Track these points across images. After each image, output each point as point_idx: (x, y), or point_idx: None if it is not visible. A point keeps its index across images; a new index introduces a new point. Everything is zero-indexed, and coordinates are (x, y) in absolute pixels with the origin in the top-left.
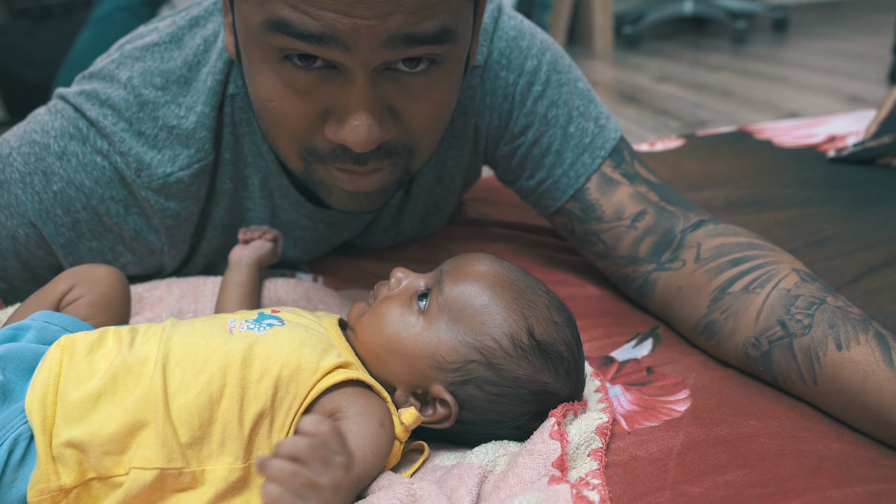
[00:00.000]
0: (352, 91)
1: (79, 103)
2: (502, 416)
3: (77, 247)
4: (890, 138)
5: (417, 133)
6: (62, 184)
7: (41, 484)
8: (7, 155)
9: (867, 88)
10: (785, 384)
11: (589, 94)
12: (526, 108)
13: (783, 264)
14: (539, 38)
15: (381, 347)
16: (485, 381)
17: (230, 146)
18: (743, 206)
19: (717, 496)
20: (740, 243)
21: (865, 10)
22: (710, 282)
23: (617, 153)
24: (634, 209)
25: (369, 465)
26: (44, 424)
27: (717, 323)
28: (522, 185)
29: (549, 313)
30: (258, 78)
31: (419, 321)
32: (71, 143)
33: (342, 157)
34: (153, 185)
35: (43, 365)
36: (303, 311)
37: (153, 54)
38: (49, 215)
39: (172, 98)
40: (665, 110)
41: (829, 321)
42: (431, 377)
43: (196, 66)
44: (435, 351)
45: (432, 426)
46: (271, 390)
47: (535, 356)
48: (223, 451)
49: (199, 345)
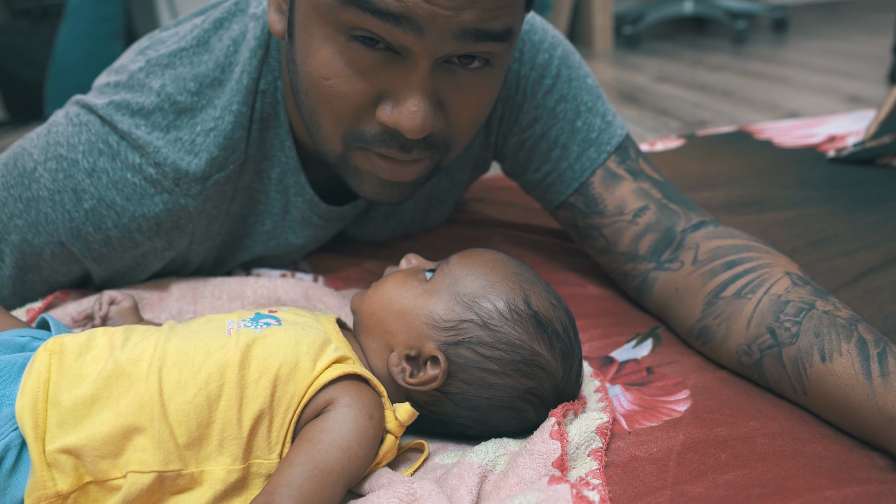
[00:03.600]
0: (412, 76)
1: (108, 114)
2: (494, 390)
3: (108, 258)
4: (890, 138)
5: (459, 129)
6: (93, 202)
7: (38, 491)
8: (32, 170)
9: (867, 88)
10: (779, 392)
11: (597, 90)
12: (536, 100)
13: (776, 268)
14: (550, 33)
15: (382, 308)
16: (478, 343)
17: (256, 142)
18: (743, 206)
19: (717, 496)
20: (736, 245)
21: (865, 11)
22: (704, 285)
23: (622, 149)
24: (636, 205)
25: (354, 455)
26: (36, 431)
27: (711, 329)
28: (528, 178)
29: (547, 295)
30: (317, 54)
31: (422, 285)
32: (101, 159)
33: (389, 143)
34: (192, 192)
35: (31, 370)
36: (301, 310)
37: (182, 60)
38: (80, 234)
39: (208, 101)
40: (665, 110)
41: (815, 329)
42: (426, 335)
43: (228, 67)
44: (432, 309)
45: (421, 388)
46: (269, 390)
47: (530, 324)
48: (222, 451)
49: (197, 346)
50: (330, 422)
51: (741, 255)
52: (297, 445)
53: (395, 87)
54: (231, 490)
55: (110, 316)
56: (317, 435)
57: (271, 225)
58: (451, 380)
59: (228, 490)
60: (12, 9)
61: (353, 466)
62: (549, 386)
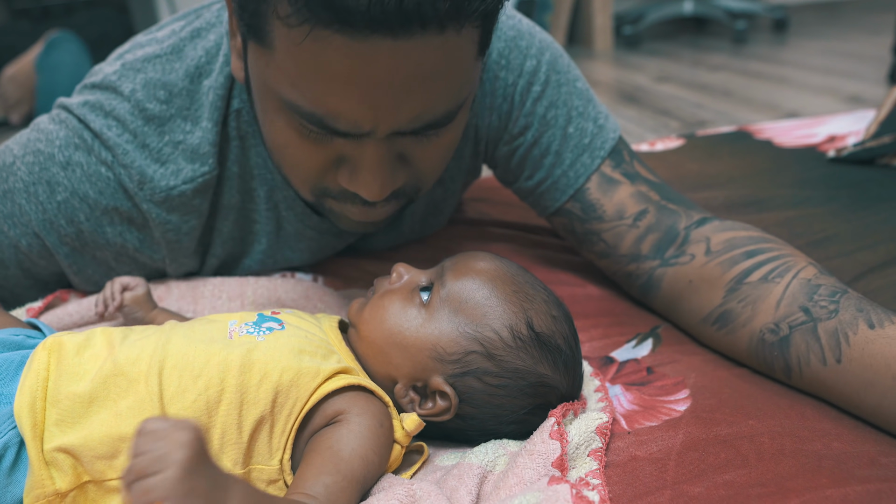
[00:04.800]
0: (366, 149)
1: (82, 114)
2: (502, 410)
3: (81, 256)
4: (890, 138)
5: (426, 175)
6: (66, 194)
7: (37, 490)
8: (11, 164)
9: (867, 88)
10: (798, 368)
11: (588, 93)
12: (525, 108)
13: (798, 257)
14: (538, 37)
15: (382, 340)
16: (484, 373)
17: (238, 159)
18: (743, 206)
19: (717, 496)
20: (752, 237)
21: (865, 11)
22: (724, 273)
23: (616, 153)
24: (636, 208)
25: (371, 464)
26: (34, 430)
27: (734, 312)
28: (521, 186)
29: (547, 307)
30: (272, 124)
31: (421, 313)
32: (76, 153)
33: (353, 199)
34: (155, 198)
35: (31, 368)
36: (303, 312)
37: (154, 66)
38: (52, 226)
39: (177, 112)
40: (665, 110)
41: (857, 306)
42: (432, 369)
43: (198, 77)
44: (436, 343)
45: (432, 419)
46: (271, 395)
47: (533, 347)
48: (222, 456)
49: (198, 349)
50: (346, 431)
51: (760, 246)
52: (319, 454)
53: (351, 153)
54: None
55: (125, 303)
56: (336, 444)
57: (267, 243)
58: (459, 405)
59: None
60: (13, 9)
61: (371, 475)
62: (555, 397)
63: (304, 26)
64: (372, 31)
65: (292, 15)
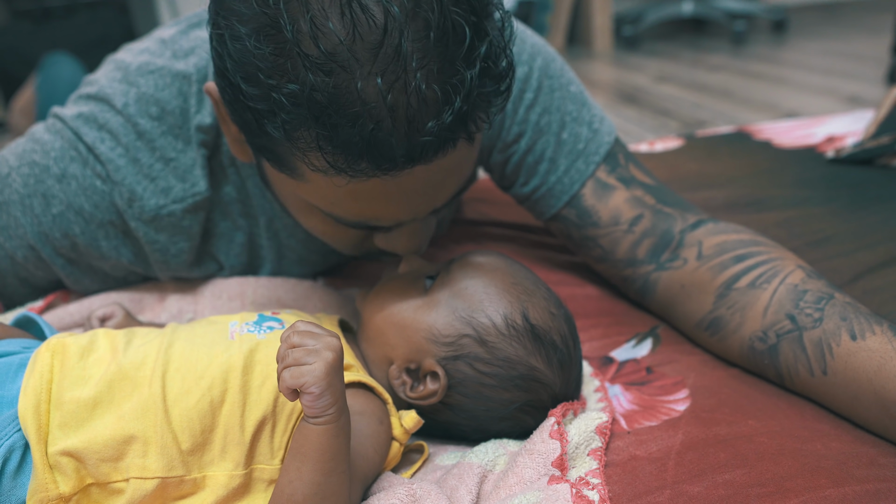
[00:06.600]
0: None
1: (76, 126)
2: (492, 402)
3: (77, 267)
4: (889, 138)
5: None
6: (62, 207)
7: (40, 493)
8: (6, 175)
9: (866, 89)
10: (789, 377)
11: (582, 96)
12: (518, 116)
13: (787, 260)
14: (529, 42)
15: (382, 320)
16: (476, 359)
17: (235, 183)
18: (742, 206)
19: (717, 495)
20: (742, 240)
21: (864, 11)
22: (714, 278)
23: (611, 157)
24: (631, 213)
25: (370, 460)
26: (39, 433)
27: (723, 318)
28: (517, 192)
29: (546, 304)
30: (305, 218)
31: (421, 298)
32: (71, 165)
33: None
34: (144, 217)
35: (34, 369)
36: (303, 313)
37: (147, 80)
38: (48, 238)
39: (169, 129)
40: (665, 110)
41: (841, 314)
42: (426, 350)
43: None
44: (432, 324)
45: (421, 402)
46: (273, 395)
47: (527, 339)
48: (224, 457)
49: (201, 351)
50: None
51: (750, 249)
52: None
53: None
54: (233, 495)
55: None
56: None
57: (270, 269)
58: (449, 392)
59: (230, 495)
60: (13, 10)
61: (371, 473)
62: (547, 396)
63: (343, 176)
64: (410, 166)
65: (330, 168)
